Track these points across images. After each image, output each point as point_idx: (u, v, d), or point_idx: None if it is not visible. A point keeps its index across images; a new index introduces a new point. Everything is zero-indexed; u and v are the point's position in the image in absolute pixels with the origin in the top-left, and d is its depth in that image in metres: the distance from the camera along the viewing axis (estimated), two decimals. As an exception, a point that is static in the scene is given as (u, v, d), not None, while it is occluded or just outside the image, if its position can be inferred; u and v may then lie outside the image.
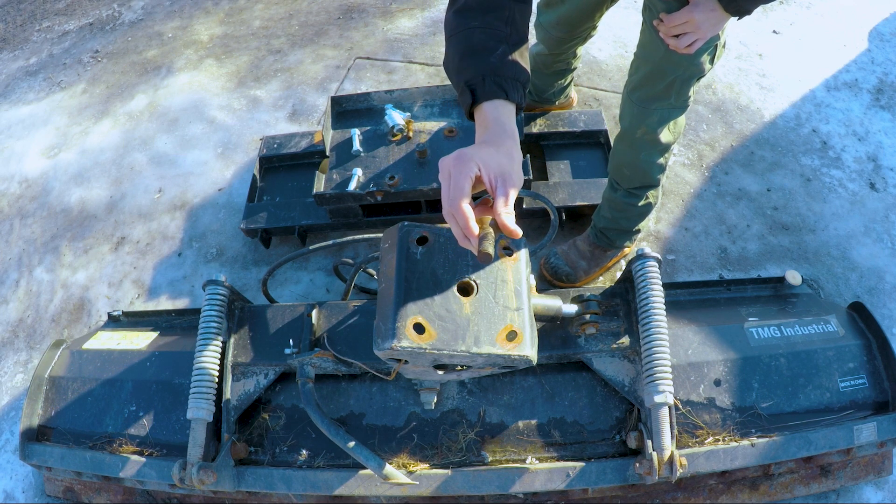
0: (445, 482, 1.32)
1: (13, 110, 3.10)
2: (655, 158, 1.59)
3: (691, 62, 1.34)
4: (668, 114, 1.47)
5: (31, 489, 1.76)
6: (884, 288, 1.86)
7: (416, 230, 1.20)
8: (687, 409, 1.36)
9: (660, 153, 1.57)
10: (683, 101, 1.45)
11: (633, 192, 1.69)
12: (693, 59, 1.33)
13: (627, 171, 1.65)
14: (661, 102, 1.44)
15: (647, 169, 1.62)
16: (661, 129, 1.49)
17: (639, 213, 1.76)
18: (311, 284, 2.09)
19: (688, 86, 1.41)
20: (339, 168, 2.07)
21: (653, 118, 1.46)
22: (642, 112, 1.47)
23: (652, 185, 1.69)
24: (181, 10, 3.54)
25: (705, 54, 1.34)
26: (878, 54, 2.56)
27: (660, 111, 1.45)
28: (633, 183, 1.67)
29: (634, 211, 1.75)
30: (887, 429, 1.34)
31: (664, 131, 1.50)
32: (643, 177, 1.65)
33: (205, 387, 1.38)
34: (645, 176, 1.65)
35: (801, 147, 2.26)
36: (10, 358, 2.12)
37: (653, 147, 1.54)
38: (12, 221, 2.56)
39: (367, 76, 2.80)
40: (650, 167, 1.61)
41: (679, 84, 1.39)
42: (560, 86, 2.21)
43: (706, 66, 1.36)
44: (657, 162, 1.60)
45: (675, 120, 1.50)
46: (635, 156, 1.58)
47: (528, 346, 1.12)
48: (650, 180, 1.66)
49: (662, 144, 1.53)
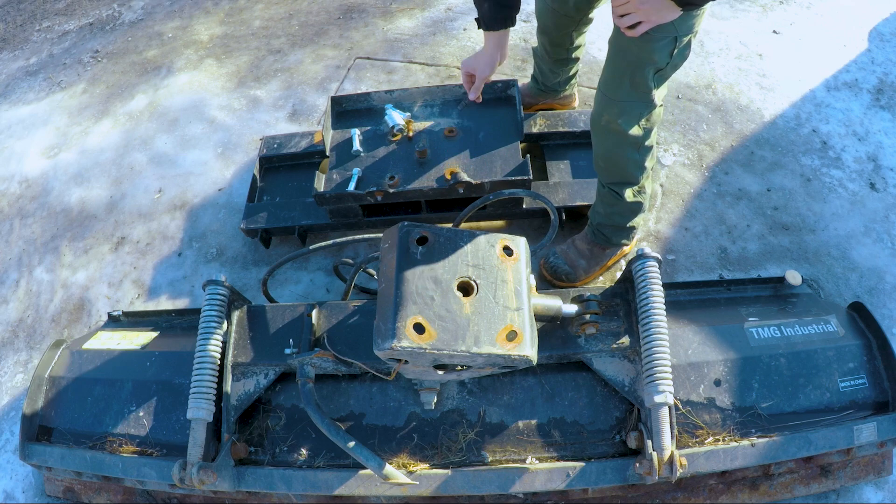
0: (445, 482, 1.32)
1: (13, 110, 3.10)
2: (628, 153, 1.57)
3: (641, 48, 1.35)
4: (629, 106, 1.46)
5: (31, 489, 1.76)
6: (884, 288, 1.86)
7: (416, 230, 1.20)
8: (687, 409, 1.36)
9: (632, 148, 1.56)
10: (644, 94, 1.44)
11: (614, 188, 1.69)
12: (643, 46, 1.34)
13: (602, 162, 1.65)
14: (619, 91, 1.45)
15: (622, 164, 1.61)
16: (623, 120, 1.48)
17: (629, 208, 1.75)
18: (311, 284, 2.09)
19: (643, 76, 1.40)
20: (339, 168, 2.07)
21: (613, 108, 1.47)
22: (603, 99, 1.49)
23: (630, 182, 1.67)
24: (181, 10, 3.54)
25: (659, 44, 1.34)
26: (878, 54, 2.56)
27: (620, 102, 1.46)
28: (611, 177, 1.67)
29: (623, 206, 1.74)
30: (887, 429, 1.34)
31: (630, 124, 1.49)
32: (620, 172, 1.64)
33: (205, 387, 1.38)
34: (622, 172, 1.63)
35: (801, 147, 2.26)
36: (10, 358, 2.12)
37: (620, 139, 1.53)
38: (12, 221, 2.57)
39: (367, 76, 2.80)
40: (625, 162, 1.60)
41: (632, 72, 1.40)
42: (565, 76, 2.21)
43: (658, 57, 1.36)
44: (631, 158, 1.59)
45: (641, 114, 1.49)
46: (606, 147, 1.59)
47: (528, 345, 1.12)
48: (628, 177, 1.65)
49: (630, 137, 1.51)
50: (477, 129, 2.11)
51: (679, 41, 1.35)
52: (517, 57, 2.76)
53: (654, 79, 1.42)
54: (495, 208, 2.01)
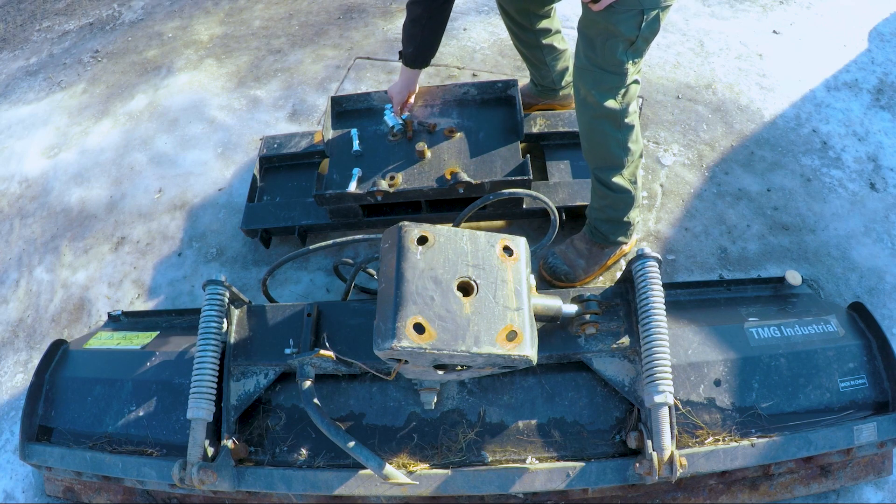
0: (445, 482, 1.32)
1: (13, 110, 3.10)
2: (607, 128, 1.58)
3: (607, 21, 1.39)
4: (601, 76, 1.49)
5: (31, 489, 1.76)
6: (884, 288, 1.86)
7: (416, 230, 1.20)
8: (687, 409, 1.36)
9: (611, 123, 1.57)
10: (616, 66, 1.47)
11: (599, 174, 1.69)
12: (608, 18, 1.39)
13: (586, 143, 1.66)
14: (590, 61, 1.49)
15: (603, 142, 1.62)
16: (597, 91, 1.51)
17: (619, 199, 1.75)
18: (311, 284, 2.09)
19: (612, 48, 1.43)
20: (339, 168, 2.07)
21: (586, 77, 1.52)
22: (577, 71, 1.55)
23: (615, 165, 1.67)
24: (181, 10, 3.54)
25: (623, 16, 1.38)
26: (878, 54, 2.56)
27: (592, 71, 1.50)
28: (596, 160, 1.68)
29: (613, 197, 1.73)
30: (887, 429, 1.34)
31: (603, 95, 1.51)
32: (602, 152, 1.65)
33: (205, 387, 1.38)
34: (604, 152, 1.64)
35: (802, 147, 2.26)
36: (10, 358, 2.12)
37: (597, 111, 1.54)
38: (12, 221, 2.57)
39: (367, 76, 2.80)
40: (605, 139, 1.61)
41: (602, 43, 1.44)
42: (555, 72, 2.20)
43: (624, 28, 1.39)
44: (612, 135, 1.60)
45: (615, 86, 1.51)
46: (585, 122, 1.61)
47: (528, 346, 1.12)
48: (612, 158, 1.66)
49: (606, 109, 1.53)
50: (477, 129, 2.11)
51: (646, 14, 1.38)
52: (517, 57, 2.75)
53: (625, 52, 1.45)
54: (495, 208, 2.01)
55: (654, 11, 1.39)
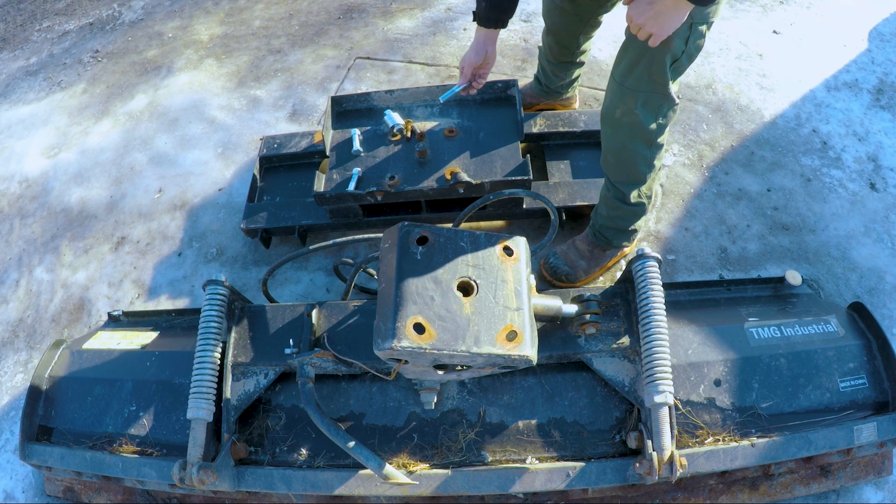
0: (445, 482, 1.32)
1: (13, 110, 3.10)
2: (640, 149, 1.56)
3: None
4: (647, 97, 1.44)
5: (31, 489, 1.76)
6: (884, 288, 1.86)
7: (416, 230, 1.20)
8: (687, 409, 1.36)
9: (644, 144, 1.54)
10: (662, 86, 1.42)
11: (620, 187, 1.67)
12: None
13: (612, 158, 1.63)
14: (638, 81, 1.42)
15: (633, 160, 1.59)
16: (642, 111, 1.46)
17: (632, 212, 1.75)
18: (311, 284, 2.09)
19: (661, 65, 1.38)
20: (339, 168, 2.07)
21: (631, 98, 1.45)
22: (619, 90, 1.46)
23: (638, 181, 1.66)
24: (181, 10, 3.54)
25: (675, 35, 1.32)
26: (878, 54, 2.56)
27: (639, 92, 1.44)
28: (619, 175, 1.65)
29: (627, 209, 1.73)
30: (887, 429, 1.34)
31: (648, 116, 1.48)
32: (629, 169, 1.62)
33: (205, 387, 1.38)
34: (631, 168, 1.62)
35: (802, 147, 2.26)
36: (10, 358, 2.12)
37: (636, 132, 1.51)
38: (12, 221, 2.57)
39: (367, 76, 2.80)
40: (635, 158, 1.58)
41: (650, 60, 1.38)
42: (568, 79, 2.21)
43: (674, 43, 1.34)
44: (642, 154, 1.57)
45: (659, 106, 1.47)
46: (618, 141, 1.57)
47: (528, 346, 1.12)
48: (637, 175, 1.64)
49: (645, 131, 1.50)
50: (477, 129, 2.11)
51: (694, 28, 1.34)
52: (517, 57, 2.76)
53: (670, 70, 1.40)
54: (495, 208, 2.01)
55: (701, 26, 1.35)
